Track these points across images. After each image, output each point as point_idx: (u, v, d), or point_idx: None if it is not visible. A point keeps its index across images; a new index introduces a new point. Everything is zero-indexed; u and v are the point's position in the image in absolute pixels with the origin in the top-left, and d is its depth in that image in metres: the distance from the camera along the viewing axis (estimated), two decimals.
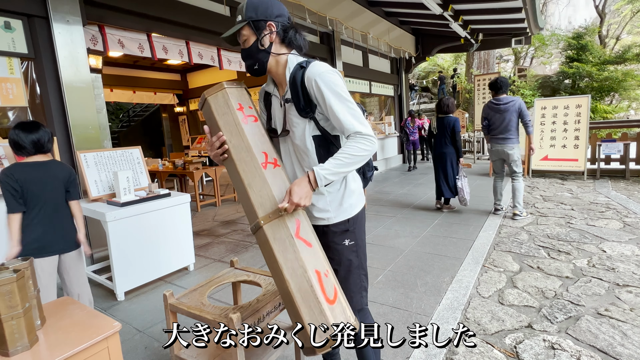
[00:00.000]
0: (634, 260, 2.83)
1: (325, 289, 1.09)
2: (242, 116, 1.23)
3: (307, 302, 1.08)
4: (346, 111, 1.14)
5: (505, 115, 3.96)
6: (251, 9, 1.18)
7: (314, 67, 1.16)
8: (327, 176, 1.11)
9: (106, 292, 2.81)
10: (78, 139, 3.07)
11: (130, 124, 12.38)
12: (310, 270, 1.10)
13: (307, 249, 1.13)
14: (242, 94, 1.30)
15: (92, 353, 1.07)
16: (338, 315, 1.08)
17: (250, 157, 1.19)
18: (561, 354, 1.79)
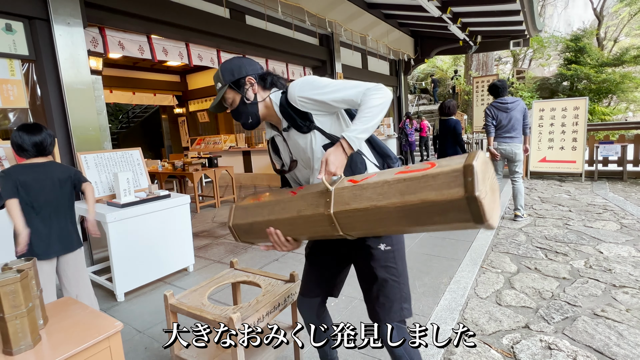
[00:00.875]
0: (630, 261, 2.85)
1: (416, 168, 0.98)
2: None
3: (417, 190, 0.93)
4: (341, 90, 1.16)
5: (512, 114, 4.01)
6: (227, 73, 1.25)
7: (291, 87, 1.22)
8: (358, 136, 1.11)
9: (106, 293, 2.83)
10: (78, 140, 3.08)
11: (129, 125, 12.41)
12: (392, 177, 1.00)
13: (374, 177, 1.04)
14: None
15: (94, 352, 1.08)
16: (447, 163, 0.92)
17: (282, 206, 1.21)
18: (558, 354, 1.81)
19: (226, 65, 1.28)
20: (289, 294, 1.58)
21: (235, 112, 1.30)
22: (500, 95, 4.08)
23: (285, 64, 6.15)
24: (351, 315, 2.26)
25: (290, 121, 1.23)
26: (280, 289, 1.58)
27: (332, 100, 1.17)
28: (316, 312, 1.45)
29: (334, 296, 1.46)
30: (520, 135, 4.08)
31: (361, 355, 1.88)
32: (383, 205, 0.97)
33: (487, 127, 4.21)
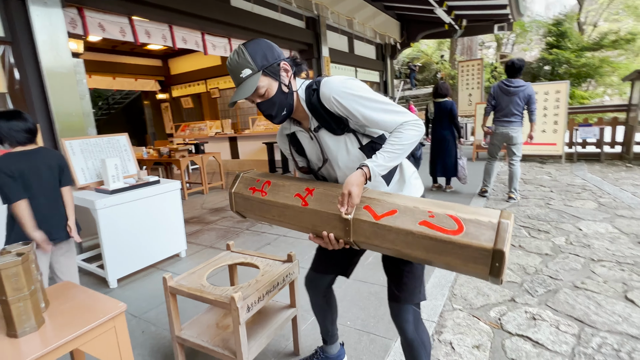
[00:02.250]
0: (607, 237, 3.00)
1: (442, 226, 0.95)
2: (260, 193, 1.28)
3: (443, 253, 0.95)
4: (380, 111, 1.07)
5: (514, 98, 3.92)
6: (259, 57, 1.07)
7: (325, 85, 1.10)
8: (380, 165, 1.05)
9: (97, 280, 2.80)
10: (61, 126, 2.99)
11: (110, 111, 12.03)
12: (416, 228, 0.97)
13: (395, 218, 1.01)
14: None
15: (99, 333, 1.09)
16: (475, 232, 0.91)
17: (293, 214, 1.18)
18: (541, 324, 1.91)
19: (254, 47, 1.07)
20: (287, 273, 1.61)
21: (268, 104, 1.11)
22: (513, 76, 3.95)
23: None
24: (344, 295, 2.32)
25: (322, 122, 1.15)
26: (278, 269, 1.61)
27: (366, 116, 1.08)
28: (324, 290, 1.49)
29: (346, 276, 1.46)
30: (520, 120, 4.01)
31: (357, 332, 1.94)
32: (406, 253, 1.02)
33: (486, 107, 4.23)
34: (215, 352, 1.46)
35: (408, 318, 1.24)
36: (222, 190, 6.10)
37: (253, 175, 1.35)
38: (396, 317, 1.26)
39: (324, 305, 1.54)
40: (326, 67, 6.84)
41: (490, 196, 4.52)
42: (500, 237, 0.88)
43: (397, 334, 1.87)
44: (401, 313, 1.24)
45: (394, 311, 1.27)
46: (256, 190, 1.28)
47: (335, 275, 1.48)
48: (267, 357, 1.77)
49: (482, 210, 0.97)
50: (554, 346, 1.74)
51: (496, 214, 0.94)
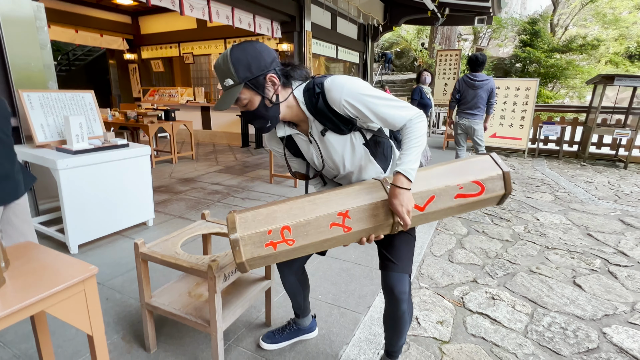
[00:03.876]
0: (561, 227, 3.23)
1: (471, 193, 1.17)
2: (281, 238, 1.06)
3: (471, 207, 1.22)
4: (388, 109, 1.08)
5: (478, 92, 4.05)
6: (243, 68, 1.02)
7: (332, 88, 1.07)
8: (412, 167, 1.05)
9: (56, 245, 2.65)
10: (18, 76, 2.72)
11: (70, 68, 11.12)
12: (454, 203, 1.16)
13: (435, 202, 1.14)
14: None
15: (67, 296, 1.03)
16: (492, 186, 1.19)
17: (335, 241, 1.11)
18: (500, 303, 2.05)
19: (239, 55, 1.03)
20: None
21: (251, 115, 1.10)
22: (476, 70, 4.09)
23: (253, 15, 5.79)
24: (316, 270, 2.35)
25: (330, 123, 1.13)
26: None
27: (378, 114, 1.08)
28: (297, 269, 1.47)
29: (322, 254, 1.44)
30: (483, 113, 4.17)
31: (328, 306, 1.99)
32: (442, 218, 1.29)
33: (451, 100, 4.37)
34: (188, 320, 1.44)
35: (405, 289, 1.24)
36: (192, 161, 5.90)
37: (252, 229, 1.04)
38: (394, 288, 1.22)
39: (297, 285, 1.51)
40: (307, 42, 6.67)
41: None
42: (507, 183, 1.18)
43: (367, 308, 1.95)
44: (399, 284, 1.22)
45: (391, 281, 1.23)
46: (278, 244, 1.05)
47: (311, 254, 1.47)
48: (239, 327, 1.78)
49: (485, 164, 1.22)
50: (510, 324, 1.88)
51: (495, 164, 1.21)
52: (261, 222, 1.05)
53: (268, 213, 1.07)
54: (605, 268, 2.49)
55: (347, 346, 1.67)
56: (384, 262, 1.28)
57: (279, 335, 1.65)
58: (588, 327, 1.85)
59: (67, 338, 1.69)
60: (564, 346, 1.71)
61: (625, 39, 17.16)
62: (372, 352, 1.63)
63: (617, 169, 5.90)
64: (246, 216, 1.07)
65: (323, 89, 1.09)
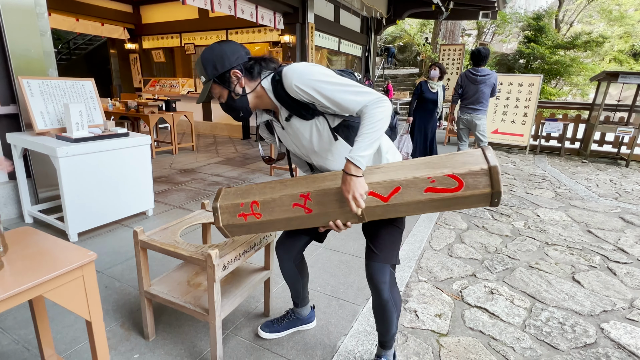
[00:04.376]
0: (561, 224, 3.23)
1: (445, 187, 1.04)
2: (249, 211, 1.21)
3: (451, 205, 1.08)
4: (341, 94, 1.08)
5: (480, 87, 4.02)
6: (210, 66, 1.16)
7: (286, 75, 1.11)
8: (363, 154, 1.03)
9: (56, 232, 2.65)
10: (18, 62, 2.70)
11: (70, 57, 11.05)
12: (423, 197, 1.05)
13: (401, 194, 1.07)
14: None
15: (66, 281, 1.03)
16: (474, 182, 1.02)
17: (300, 221, 1.18)
18: (498, 298, 2.05)
19: (207, 55, 1.16)
20: (264, 235, 1.59)
21: (224, 106, 1.24)
22: (479, 64, 4.05)
23: (255, 5, 5.73)
24: (315, 262, 2.35)
25: (292, 110, 1.17)
26: None
27: (330, 99, 1.09)
28: (295, 255, 1.47)
29: (320, 241, 1.47)
30: (485, 107, 4.14)
31: (326, 297, 1.99)
32: (418, 214, 1.15)
33: (453, 95, 4.35)
34: (187, 309, 1.44)
35: (385, 279, 1.27)
36: (193, 152, 5.88)
37: (229, 200, 1.22)
38: (373, 277, 1.27)
39: (295, 272, 1.52)
40: (310, 34, 6.61)
41: None
42: (494, 180, 1.00)
43: (365, 300, 1.95)
44: (378, 273, 1.26)
45: (371, 270, 1.27)
46: (248, 216, 1.20)
47: (309, 240, 1.47)
48: (237, 317, 1.78)
49: (470, 157, 1.07)
50: (508, 318, 1.88)
51: (482, 158, 1.05)
52: (238, 196, 1.22)
53: (246, 189, 1.24)
54: (604, 265, 2.49)
55: (345, 337, 1.67)
56: (367, 252, 1.31)
57: (278, 325, 1.65)
58: (586, 323, 1.85)
59: (66, 325, 1.69)
60: (562, 341, 1.72)
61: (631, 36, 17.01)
62: (370, 343, 1.64)
63: (619, 167, 5.88)
64: (229, 190, 1.25)
65: (281, 76, 1.14)
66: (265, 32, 7.18)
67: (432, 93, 4.51)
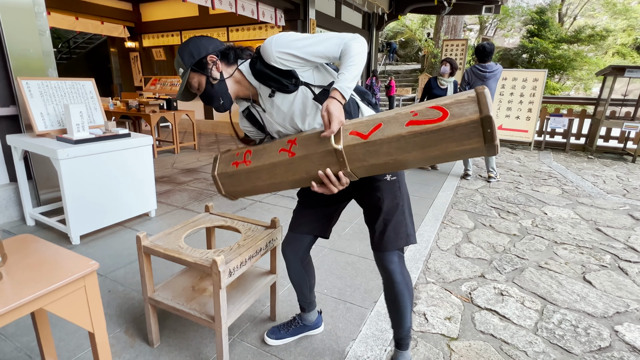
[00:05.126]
0: (569, 222, 3.17)
1: (428, 118, 0.96)
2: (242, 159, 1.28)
3: (437, 142, 0.97)
4: (322, 42, 1.11)
5: (488, 83, 3.96)
6: (187, 56, 1.17)
7: (264, 48, 1.12)
8: (349, 85, 1.07)
9: (58, 235, 2.62)
10: (17, 63, 2.66)
11: (71, 56, 11.01)
12: (405, 130, 0.98)
13: (382, 130, 1.01)
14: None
15: (67, 292, 0.99)
16: (460, 110, 0.94)
17: (283, 168, 1.19)
18: (508, 299, 2.01)
19: (183, 48, 1.18)
20: (270, 239, 1.55)
21: (204, 96, 1.22)
22: (484, 60, 3.97)
23: (256, 2, 5.66)
24: (321, 264, 2.31)
25: (275, 84, 1.15)
26: (261, 234, 1.55)
27: (312, 53, 1.11)
28: (302, 254, 1.45)
29: (325, 237, 1.46)
30: (491, 102, 4.11)
31: (333, 300, 1.95)
32: (403, 159, 1.02)
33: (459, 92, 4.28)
34: (192, 316, 1.40)
35: (393, 259, 1.27)
36: (194, 151, 5.84)
37: (230, 152, 1.34)
38: (381, 261, 1.29)
39: (302, 273, 1.50)
40: (311, 30, 6.54)
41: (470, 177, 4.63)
42: (483, 104, 0.91)
43: (373, 303, 1.91)
44: (385, 256, 1.27)
45: (378, 257, 1.30)
46: (239, 163, 1.27)
47: (314, 237, 1.45)
48: (243, 322, 1.75)
49: (461, 95, 0.97)
50: (519, 320, 1.84)
51: (471, 91, 0.96)
52: (239, 148, 1.31)
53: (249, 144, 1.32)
54: (615, 264, 2.45)
55: (354, 342, 1.64)
56: (371, 241, 1.31)
57: (284, 331, 1.62)
58: (599, 325, 1.81)
59: (69, 331, 1.66)
60: (575, 344, 1.68)
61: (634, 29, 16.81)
62: (379, 348, 1.60)
63: (625, 163, 5.81)
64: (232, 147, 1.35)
65: (258, 53, 1.16)
66: (267, 29, 7.11)
67: (441, 90, 4.44)
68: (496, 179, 4.41)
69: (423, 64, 15.71)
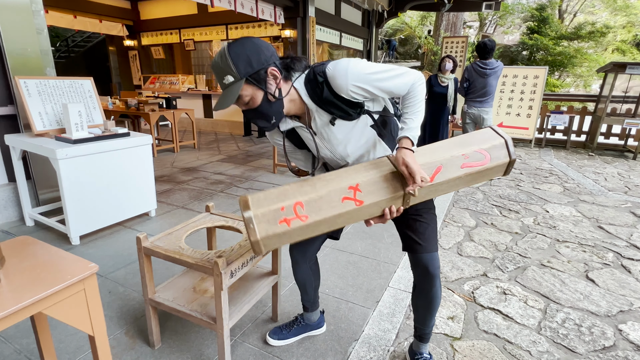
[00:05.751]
0: (571, 220, 3.16)
1: (477, 162, 1.15)
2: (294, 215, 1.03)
3: (479, 178, 1.19)
4: (392, 80, 1.08)
5: (488, 80, 3.94)
6: (243, 62, 0.98)
7: (336, 75, 1.04)
8: (418, 133, 1.08)
9: (57, 235, 2.61)
10: (14, 62, 2.63)
11: (69, 55, 10.96)
12: (462, 173, 1.14)
13: (443, 173, 1.11)
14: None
15: (66, 296, 0.98)
16: (497, 154, 1.18)
17: (347, 217, 1.08)
18: (511, 298, 2.00)
19: (237, 50, 0.99)
20: None
21: (253, 113, 1.06)
22: (485, 57, 3.95)
23: (255, 0, 5.63)
24: (322, 263, 2.30)
25: (339, 112, 1.11)
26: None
27: (382, 89, 1.08)
28: (311, 256, 1.44)
29: (336, 238, 1.45)
30: (492, 100, 4.06)
31: (335, 300, 1.94)
32: (452, 190, 1.20)
33: (459, 89, 4.25)
34: (193, 317, 1.39)
35: (438, 264, 1.26)
36: (194, 150, 5.82)
37: (265, 207, 1.02)
38: (428, 267, 1.24)
39: (309, 274, 1.50)
40: (311, 28, 6.50)
41: None
42: (510, 151, 1.17)
43: (375, 302, 1.90)
44: (433, 262, 1.24)
45: (423, 262, 1.24)
46: (291, 220, 1.03)
47: (324, 239, 1.44)
48: (245, 322, 1.73)
49: (486, 134, 1.21)
50: (523, 320, 1.82)
51: (495, 134, 1.20)
52: (273, 200, 1.04)
53: (279, 192, 1.06)
54: (618, 262, 2.43)
55: (357, 343, 1.62)
56: (411, 245, 1.26)
57: (287, 331, 1.60)
58: (603, 324, 1.80)
59: (69, 333, 1.65)
60: (579, 343, 1.66)
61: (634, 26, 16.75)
62: (382, 349, 1.59)
63: (626, 160, 5.80)
64: (258, 196, 1.06)
65: (326, 77, 1.06)
66: (266, 27, 7.07)
67: (441, 87, 4.41)
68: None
69: (423, 62, 15.65)
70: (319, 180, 1.09)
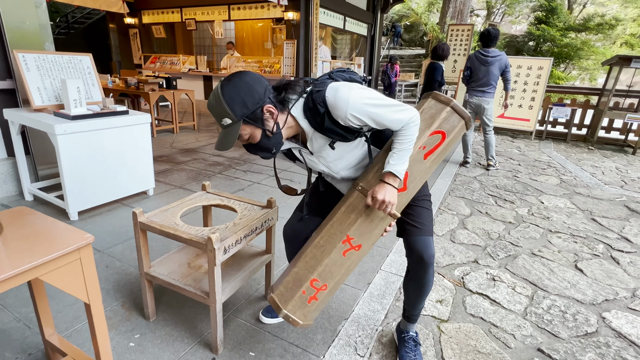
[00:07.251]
0: (565, 211, 3.19)
1: (435, 144, 1.21)
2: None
3: (445, 152, 1.26)
4: (389, 115, 1.10)
5: (490, 68, 3.92)
6: (238, 105, 1.02)
7: (336, 104, 1.06)
8: (403, 169, 1.13)
9: (56, 211, 2.64)
10: (12, 35, 2.61)
11: (69, 31, 10.79)
12: (427, 164, 1.23)
13: (412, 176, 1.20)
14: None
15: (63, 263, 1.00)
16: (450, 126, 1.22)
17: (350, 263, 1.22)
18: (500, 285, 2.04)
19: (231, 93, 1.02)
20: (265, 219, 1.56)
21: (254, 148, 1.13)
22: (488, 45, 3.93)
23: None
24: None
25: (337, 137, 1.15)
26: (257, 213, 1.56)
27: (378, 121, 1.11)
28: (303, 239, 1.45)
29: None
30: (494, 90, 4.05)
31: None
32: (429, 175, 1.26)
33: (462, 78, 4.23)
34: (187, 291, 1.43)
35: (433, 252, 1.29)
36: (194, 131, 5.81)
37: (291, 298, 1.17)
38: (422, 253, 1.25)
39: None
40: (315, 11, 6.40)
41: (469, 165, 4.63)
42: (459, 111, 1.21)
43: (366, 284, 1.94)
44: (427, 247, 1.26)
45: (418, 246, 1.26)
46: (316, 294, 1.18)
47: (320, 222, 1.45)
48: (238, 299, 1.78)
49: (431, 110, 1.23)
50: (509, 305, 1.87)
51: (440, 104, 1.23)
52: (293, 290, 1.18)
53: (293, 279, 1.19)
54: (607, 253, 2.47)
55: (346, 322, 1.67)
56: (407, 228, 1.29)
57: None
58: (588, 311, 1.85)
59: (67, 303, 1.69)
60: (563, 329, 1.71)
61: None
62: (371, 328, 1.63)
63: (625, 155, 5.80)
64: (280, 291, 1.20)
65: (327, 107, 1.08)
66: (269, 8, 6.96)
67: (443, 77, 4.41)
68: (495, 167, 4.41)
69: (428, 49, 15.44)
70: (316, 249, 1.20)
